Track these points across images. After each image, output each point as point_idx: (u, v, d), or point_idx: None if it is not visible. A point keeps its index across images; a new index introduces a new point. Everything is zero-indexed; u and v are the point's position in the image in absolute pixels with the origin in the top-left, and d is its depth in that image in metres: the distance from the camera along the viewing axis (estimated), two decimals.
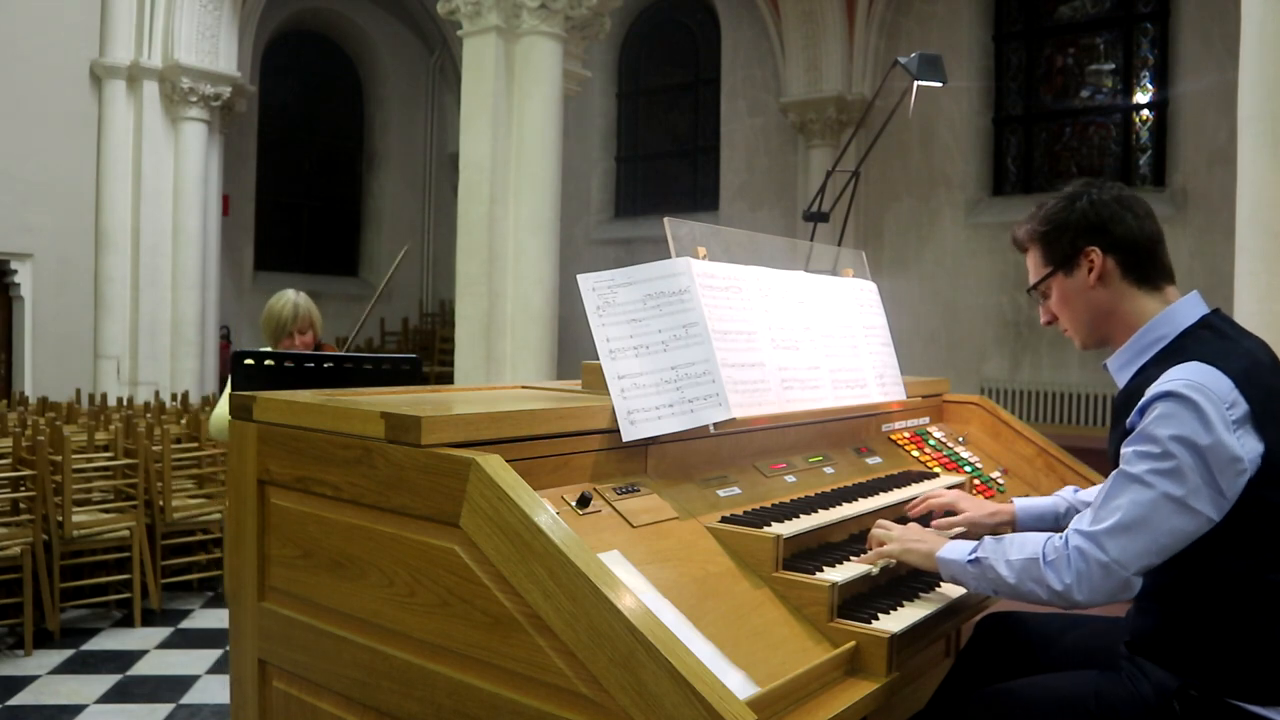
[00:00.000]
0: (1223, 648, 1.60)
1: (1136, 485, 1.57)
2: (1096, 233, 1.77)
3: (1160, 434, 1.55)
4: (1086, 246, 1.77)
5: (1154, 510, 1.55)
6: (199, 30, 10.51)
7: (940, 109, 10.95)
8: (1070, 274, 1.80)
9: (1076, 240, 1.78)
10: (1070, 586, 1.59)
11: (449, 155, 14.63)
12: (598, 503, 1.70)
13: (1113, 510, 1.58)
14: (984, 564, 1.70)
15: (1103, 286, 1.78)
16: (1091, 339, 1.84)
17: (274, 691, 1.87)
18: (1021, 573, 1.64)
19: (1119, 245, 1.76)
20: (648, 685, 1.27)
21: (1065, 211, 1.80)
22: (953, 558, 1.75)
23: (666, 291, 1.95)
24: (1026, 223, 1.88)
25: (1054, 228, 1.81)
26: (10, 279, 9.92)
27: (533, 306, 7.54)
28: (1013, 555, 1.66)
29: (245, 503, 1.88)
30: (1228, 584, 1.59)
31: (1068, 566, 1.59)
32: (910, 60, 3.24)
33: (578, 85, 8.88)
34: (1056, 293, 1.84)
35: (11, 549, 4.71)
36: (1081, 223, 1.78)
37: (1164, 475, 1.54)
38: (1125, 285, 1.77)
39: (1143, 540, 1.55)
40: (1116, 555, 1.56)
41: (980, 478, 2.62)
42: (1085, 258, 1.77)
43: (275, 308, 3.81)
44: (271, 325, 3.80)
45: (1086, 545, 1.58)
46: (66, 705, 4.11)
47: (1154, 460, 1.55)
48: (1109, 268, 1.77)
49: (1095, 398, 10.10)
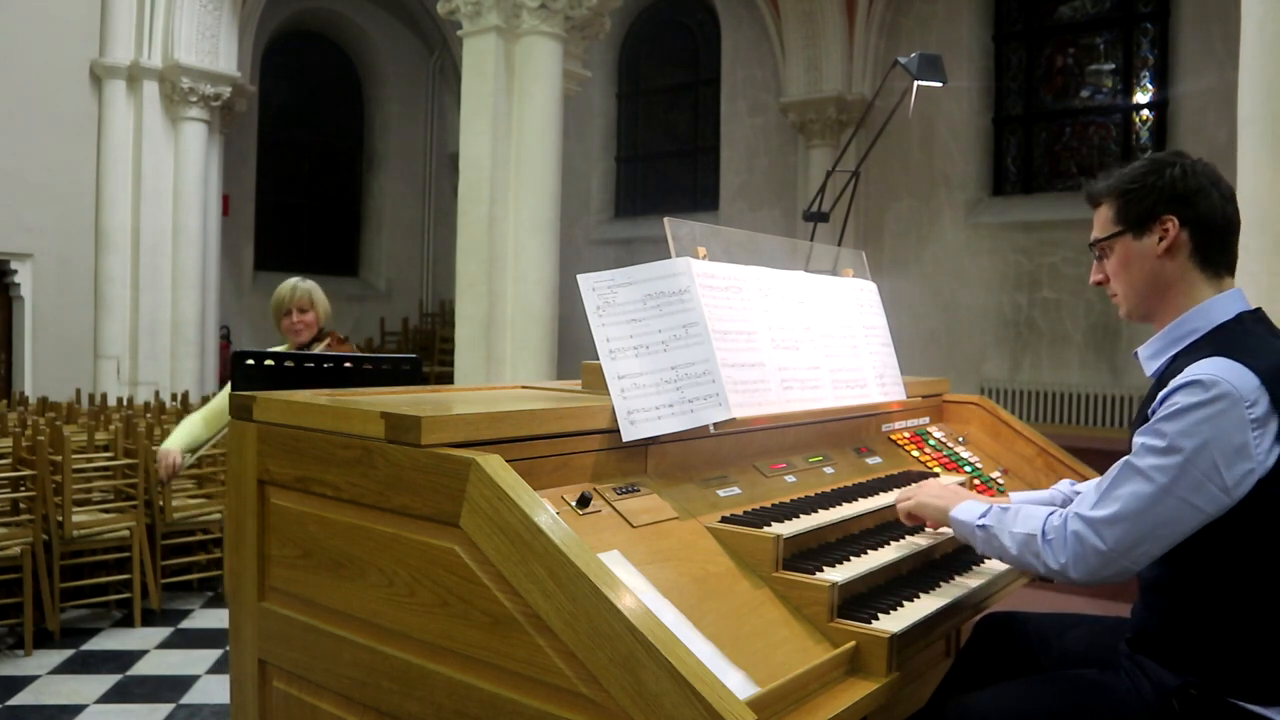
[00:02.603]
0: (1226, 646, 1.59)
1: (1139, 478, 1.57)
2: (1180, 203, 1.71)
3: (1170, 429, 1.55)
4: (1165, 215, 1.71)
5: (1153, 504, 1.55)
6: (199, 30, 10.50)
7: (940, 109, 10.95)
8: (1140, 238, 1.75)
9: (1157, 206, 1.72)
10: (1066, 566, 1.62)
11: (449, 155, 14.62)
12: (598, 503, 1.70)
13: (1113, 499, 1.58)
14: (990, 531, 1.75)
15: (1169, 259, 1.73)
16: (1138, 311, 1.80)
17: (274, 691, 1.87)
18: (1022, 546, 1.68)
19: (1198, 221, 1.71)
20: (648, 685, 1.27)
21: (1154, 175, 1.74)
22: (964, 519, 1.81)
23: (666, 291, 1.95)
24: (1108, 177, 1.81)
25: (1139, 188, 1.74)
26: (10, 279, 9.91)
27: (533, 306, 7.54)
28: (1016, 528, 1.70)
29: (245, 503, 1.88)
30: (1235, 582, 1.59)
31: (1064, 547, 1.62)
32: (910, 60, 3.24)
33: (578, 85, 8.89)
34: (1118, 254, 1.78)
35: (11, 549, 4.71)
36: (1169, 189, 1.71)
37: (1167, 471, 1.54)
38: (1190, 265, 1.72)
39: (1139, 531, 1.56)
40: (1113, 544, 1.57)
41: (980, 478, 2.62)
42: (1160, 225, 1.72)
43: (277, 291, 3.97)
44: (273, 306, 3.97)
45: (1084, 530, 1.60)
46: (66, 705, 4.11)
47: (1159, 455, 1.55)
48: (1180, 241, 1.71)
49: (1095, 398, 10.10)
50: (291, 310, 3.87)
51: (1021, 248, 10.72)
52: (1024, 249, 10.70)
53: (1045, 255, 10.51)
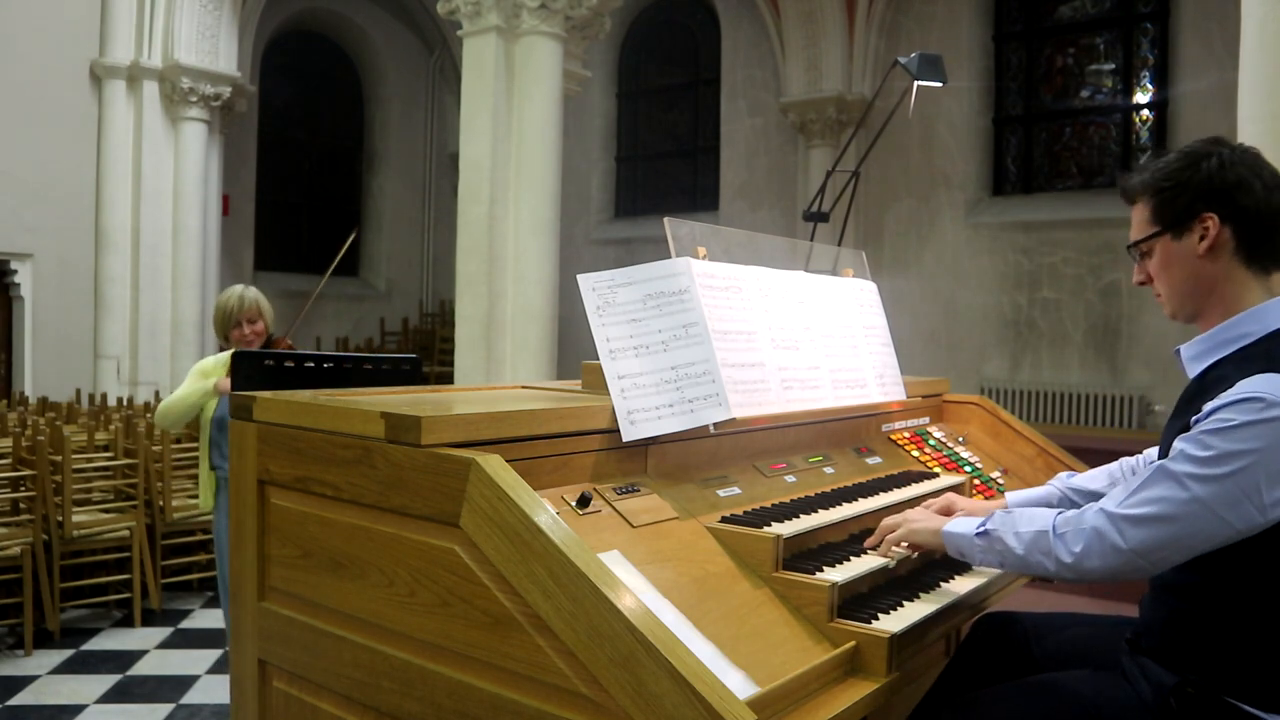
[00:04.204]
0: (1233, 649, 1.58)
1: (1173, 483, 1.51)
2: (1219, 199, 1.62)
3: (1217, 443, 1.48)
4: (1205, 212, 1.63)
5: (1184, 511, 1.50)
6: (199, 30, 10.50)
7: (940, 109, 10.94)
8: (1179, 238, 1.66)
9: (1195, 204, 1.64)
10: (1079, 557, 1.56)
11: (449, 155, 14.61)
12: (598, 503, 1.70)
13: (1143, 501, 1.53)
14: (992, 536, 1.70)
15: (1212, 259, 1.64)
16: (1184, 311, 1.72)
17: (274, 691, 1.87)
18: (1030, 545, 1.63)
19: (1240, 216, 1.62)
20: (648, 685, 1.27)
21: (1190, 169, 1.65)
22: (959, 531, 1.76)
23: (666, 291, 1.95)
24: (1142, 172, 1.73)
25: (1174, 185, 1.65)
26: (10, 279, 9.91)
27: (533, 306, 7.53)
28: (1022, 527, 1.66)
29: (245, 503, 1.89)
30: (1255, 591, 1.56)
31: (1080, 540, 1.57)
32: (910, 60, 3.24)
33: (578, 85, 8.88)
34: (1159, 255, 1.70)
35: (11, 549, 4.71)
36: (1205, 185, 1.63)
37: (1205, 482, 1.49)
38: (1235, 262, 1.64)
39: (1165, 536, 1.51)
40: (1134, 544, 1.53)
41: (980, 478, 2.62)
42: (1200, 224, 1.64)
43: (221, 300, 3.90)
44: (219, 318, 3.88)
45: (1105, 526, 1.55)
46: (66, 705, 4.11)
47: (1200, 465, 1.49)
48: (1223, 239, 1.63)
49: (1095, 398, 10.10)
50: (241, 322, 3.84)
51: (1021, 248, 10.72)
52: (1024, 249, 10.70)
53: (1045, 255, 10.51)
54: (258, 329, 3.87)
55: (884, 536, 1.90)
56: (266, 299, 3.97)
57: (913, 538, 1.86)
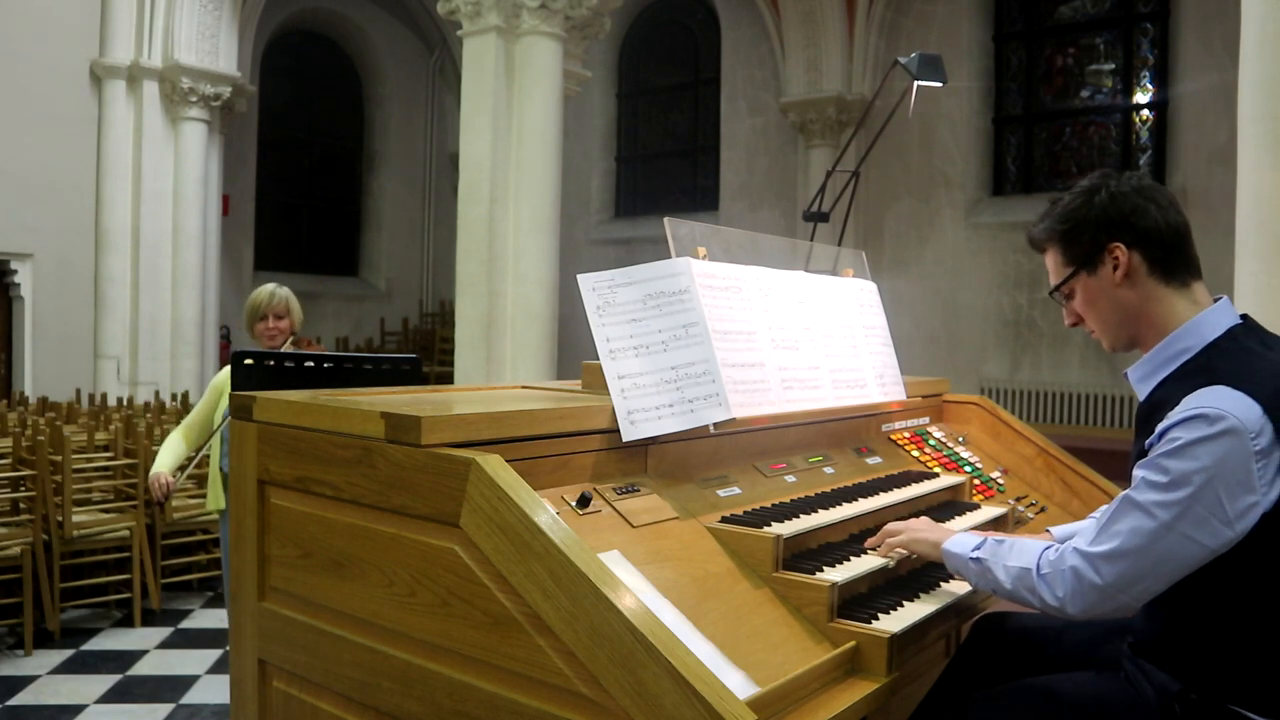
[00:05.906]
0: (1229, 656, 1.58)
1: (1139, 513, 1.52)
2: (1120, 227, 1.66)
3: (1172, 465, 1.49)
4: (1110, 243, 1.67)
5: (1154, 541, 1.51)
6: (199, 30, 10.50)
7: (940, 109, 10.94)
8: (1094, 273, 1.70)
9: (1098, 236, 1.68)
10: (1063, 601, 1.58)
11: (449, 155, 14.61)
12: (598, 503, 1.70)
13: (1113, 535, 1.54)
14: (984, 564, 1.71)
15: (1130, 285, 1.68)
16: (1120, 341, 1.75)
17: (274, 691, 1.87)
18: (1016, 580, 1.64)
19: (1144, 239, 1.66)
20: (648, 685, 1.27)
21: (1084, 207, 1.70)
22: (957, 551, 1.77)
23: (666, 291, 1.95)
24: (1042, 220, 1.78)
25: (1074, 225, 1.71)
26: (10, 279, 9.91)
27: (533, 306, 7.53)
28: (1010, 561, 1.66)
29: (245, 503, 1.88)
30: (1237, 603, 1.56)
31: (1061, 582, 1.58)
32: (910, 60, 3.24)
33: (578, 85, 8.88)
34: (1081, 294, 1.74)
35: (11, 549, 4.71)
36: (1102, 218, 1.67)
37: (1168, 507, 1.49)
38: (1153, 283, 1.67)
39: (1140, 567, 1.52)
40: (1111, 580, 1.53)
41: (980, 478, 2.62)
42: (1109, 255, 1.67)
43: (253, 295, 3.97)
44: (248, 311, 3.96)
45: (1082, 566, 1.56)
46: (66, 705, 4.11)
47: (1161, 491, 1.50)
48: (1135, 263, 1.66)
49: (1095, 398, 10.10)
50: (268, 315, 3.87)
51: (1022, 248, 10.70)
52: (1024, 249, 10.67)
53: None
54: (282, 325, 3.90)
55: (885, 539, 1.91)
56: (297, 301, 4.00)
57: (914, 546, 1.87)
